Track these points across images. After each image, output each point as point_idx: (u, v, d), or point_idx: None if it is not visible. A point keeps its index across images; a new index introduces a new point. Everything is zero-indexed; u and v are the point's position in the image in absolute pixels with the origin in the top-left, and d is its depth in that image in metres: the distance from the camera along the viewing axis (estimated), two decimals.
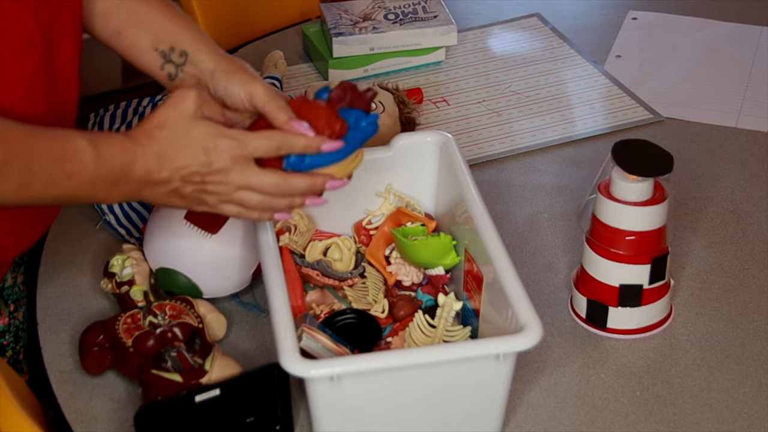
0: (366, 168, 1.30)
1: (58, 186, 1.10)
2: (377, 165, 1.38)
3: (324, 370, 1.10)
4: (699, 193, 1.56)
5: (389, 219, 1.39)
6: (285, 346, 1.11)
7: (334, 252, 1.36)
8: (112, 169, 1.12)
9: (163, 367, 1.23)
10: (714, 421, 1.24)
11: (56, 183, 1.10)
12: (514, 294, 1.16)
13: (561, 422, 1.24)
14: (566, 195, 1.56)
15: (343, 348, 1.22)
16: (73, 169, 1.10)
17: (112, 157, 1.12)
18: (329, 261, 1.35)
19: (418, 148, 1.39)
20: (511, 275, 1.19)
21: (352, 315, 1.29)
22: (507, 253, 1.21)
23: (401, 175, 1.40)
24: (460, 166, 1.34)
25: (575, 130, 1.69)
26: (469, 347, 1.15)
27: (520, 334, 1.13)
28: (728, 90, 1.78)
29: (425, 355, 1.14)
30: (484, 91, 1.78)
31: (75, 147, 1.10)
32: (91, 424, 1.24)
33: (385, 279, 1.36)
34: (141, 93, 1.68)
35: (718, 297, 1.40)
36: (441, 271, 1.34)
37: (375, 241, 1.38)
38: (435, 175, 1.40)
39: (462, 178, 1.32)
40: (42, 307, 1.38)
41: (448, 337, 1.25)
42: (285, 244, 1.33)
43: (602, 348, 1.33)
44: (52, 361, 1.31)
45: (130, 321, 1.28)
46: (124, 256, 1.36)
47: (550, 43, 1.90)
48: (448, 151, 1.37)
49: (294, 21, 1.98)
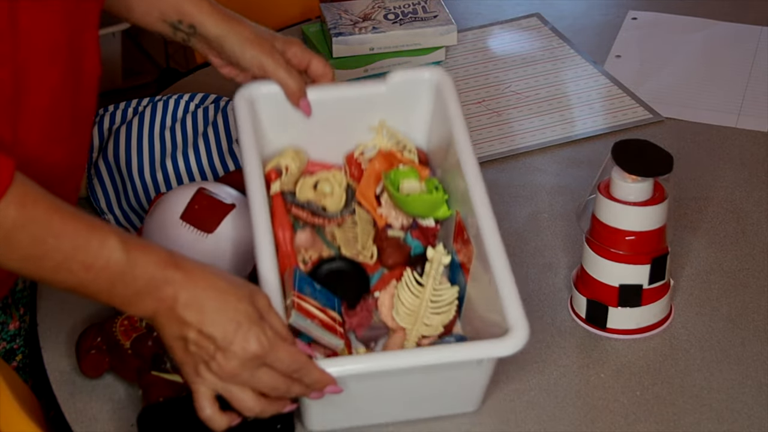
0: (359, 101, 1.33)
1: (71, 273, 1.03)
2: (370, 100, 1.37)
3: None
4: (699, 193, 1.56)
5: (381, 156, 1.37)
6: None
7: (324, 185, 1.35)
8: (139, 278, 1.05)
9: (163, 368, 1.23)
10: (714, 421, 1.24)
11: (70, 270, 1.03)
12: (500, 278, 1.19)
13: (561, 422, 1.24)
14: (566, 195, 1.56)
15: (333, 315, 1.23)
16: (94, 264, 1.03)
17: (143, 267, 1.05)
18: (319, 200, 1.34)
19: (414, 86, 1.37)
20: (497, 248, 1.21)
21: (340, 263, 1.29)
22: (491, 206, 1.23)
23: (395, 112, 1.38)
24: (454, 107, 1.32)
25: (575, 130, 1.69)
26: (452, 352, 1.16)
27: (504, 338, 1.14)
28: (728, 90, 1.77)
29: (408, 359, 1.15)
30: (483, 91, 1.78)
31: (102, 242, 1.03)
32: (91, 424, 1.24)
33: (375, 221, 1.35)
34: (141, 93, 1.68)
35: (718, 297, 1.40)
36: (431, 223, 1.34)
37: (366, 179, 1.36)
38: (429, 114, 1.38)
39: (454, 121, 1.31)
40: (42, 307, 1.38)
41: (436, 296, 1.26)
42: (276, 191, 1.31)
43: (602, 348, 1.33)
44: (52, 361, 1.31)
45: (128, 323, 1.27)
46: None
47: (549, 43, 1.90)
48: (444, 90, 1.35)
49: (294, 21, 1.98)
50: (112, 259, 1.03)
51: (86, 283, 1.04)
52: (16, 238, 1.01)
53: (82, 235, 1.03)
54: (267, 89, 1.33)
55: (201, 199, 1.34)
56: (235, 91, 1.33)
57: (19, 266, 1.04)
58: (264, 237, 1.20)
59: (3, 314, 1.36)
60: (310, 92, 1.34)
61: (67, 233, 1.02)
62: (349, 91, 1.38)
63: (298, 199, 1.33)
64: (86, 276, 1.03)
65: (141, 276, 1.05)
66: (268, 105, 1.34)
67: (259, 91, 1.33)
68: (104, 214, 1.48)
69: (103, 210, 1.48)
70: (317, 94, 1.35)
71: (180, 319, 1.06)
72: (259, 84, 1.33)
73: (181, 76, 1.84)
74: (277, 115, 1.34)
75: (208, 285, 1.07)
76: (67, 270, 1.03)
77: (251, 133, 1.30)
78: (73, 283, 1.04)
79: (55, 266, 1.03)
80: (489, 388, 1.25)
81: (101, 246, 1.03)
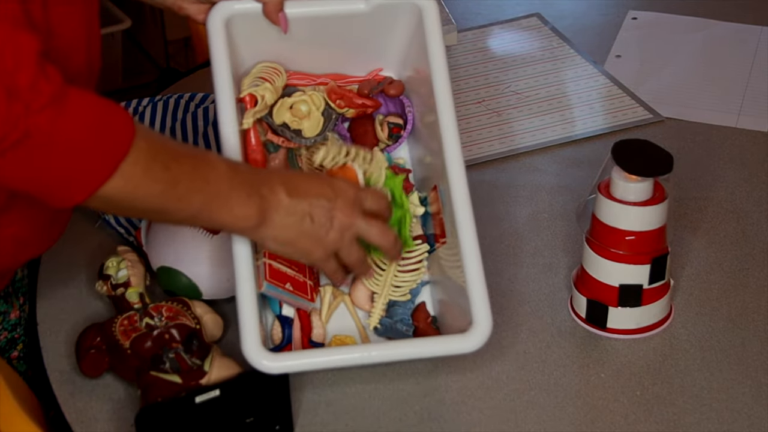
0: (337, 19, 1.32)
1: (199, 190, 1.10)
2: (350, 19, 1.33)
3: (282, 363, 1.17)
4: (699, 193, 1.56)
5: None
6: (248, 338, 1.16)
7: (301, 105, 1.34)
8: (247, 177, 1.14)
9: (162, 368, 1.23)
10: (714, 421, 1.24)
11: (197, 187, 1.10)
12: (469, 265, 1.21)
13: (561, 422, 1.24)
14: (566, 195, 1.56)
15: (302, 267, 1.26)
16: (210, 175, 1.11)
17: (244, 172, 1.15)
18: (295, 122, 1.33)
19: (395, 8, 1.33)
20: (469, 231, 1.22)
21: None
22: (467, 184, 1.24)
23: (373, 34, 1.35)
24: (434, 40, 1.30)
25: (575, 130, 1.69)
26: (412, 349, 1.20)
27: (466, 334, 1.18)
28: (728, 90, 1.77)
29: (375, 354, 1.19)
30: (483, 91, 1.78)
31: (207, 156, 1.12)
32: (90, 424, 1.24)
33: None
34: (141, 93, 1.68)
35: (718, 297, 1.40)
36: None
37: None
38: (408, 40, 1.35)
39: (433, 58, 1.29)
40: (42, 307, 1.38)
41: (406, 254, 1.27)
42: (250, 123, 1.30)
43: (602, 348, 1.33)
44: (52, 361, 1.31)
45: (127, 323, 1.28)
46: (119, 258, 1.36)
47: (549, 43, 1.90)
48: (427, 18, 1.31)
49: None
50: (221, 168, 1.12)
51: (211, 196, 1.11)
52: (153, 168, 1.07)
53: (192, 153, 1.13)
54: (242, 6, 1.29)
55: None
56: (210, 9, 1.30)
57: (160, 201, 1.09)
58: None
59: (5, 304, 1.37)
60: (287, 7, 1.30)
61: (183, 154, 1.11)
62: (327, 7, 1.33)
63: (274, 123, 1.32)
64: (209, 188, 1.11)
65: (247, 176, 1.14)
66: (244, 22, 1.29)
67: (234, 8, 1.29)
68: (105, 214, 1.48)
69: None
70: (295, 9, 1.30)
71: (298, 191, 1.16)
72: (234, 2, 1.29)
73: (181, 76, 1.84)
74: (252, 33, 1.31)
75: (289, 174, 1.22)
76: (196, 189, 1.10)
77: (224, 50, 1.27)
78: (201, 202, 1.11)
79: (186, 188, 1.09)
80: (488, 388, 1.26)
81: (208, 160, 1.12)
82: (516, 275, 1.43)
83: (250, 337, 1.16)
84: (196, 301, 1.32)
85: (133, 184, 1.05)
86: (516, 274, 1.43)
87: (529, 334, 1.34)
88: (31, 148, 0.99)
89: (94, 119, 1.03)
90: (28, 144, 0.98)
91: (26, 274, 1.42)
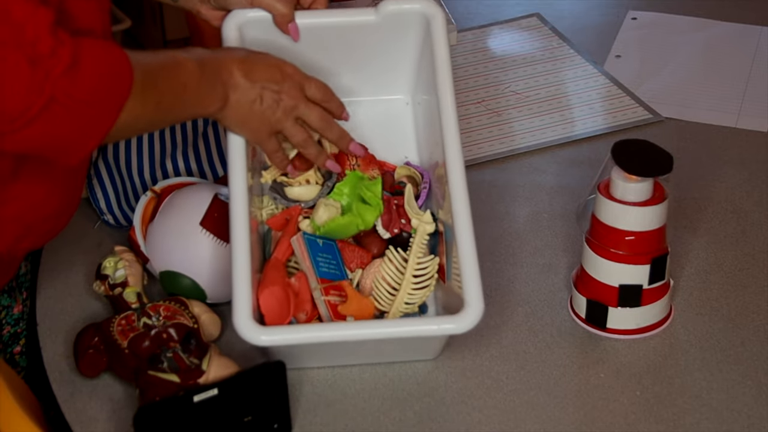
0: (347, 29, 1.35)
1: (179, 96, 1.18)
2: (360, 29, 1.35)
3: (275, 337, 1.18)
4: (699, 193, 1.56)
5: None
6: (240, 310, 1.18)
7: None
8: (210, 66, 1.20)
9: (160, 368, 1.23)
10: (714, 421, 1.24)
11: (177, 93, 1.17)
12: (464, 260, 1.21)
13: (561, 422, 1.24)
14: (566, 195, 1.56)
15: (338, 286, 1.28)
16: (183, 77, 1.18)
17: (208, 62, 1.21)
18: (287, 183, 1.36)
19: (405, 18, 1.35)
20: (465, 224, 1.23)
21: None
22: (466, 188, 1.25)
23: (383, 44, 1.37)
24: (440, 48, 1.32)
25: (575, 130, 1.69)
26: (407, 327, 1.20)
27: (459, 315, 1.18)
28: (728, 90, 1.77)
29: (368, 331, 1.20)
30: (483, 91, 1.78)
31: (176, 58, 1.18)
32: (90, 424, 1.24)
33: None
34: None
35: (718, 297, 1.40)
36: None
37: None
38: (418, 52, 1.37)
39: (439, 63, 1.31)
40: (42, 307, 1.39)
41: (419, 270, 1.27)
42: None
43: (602, 348, 1.33)
44: (52, 361, 1.31)
45: (125, 323, 1.28)
46: (117, 258, 1.35)
47: (549, 43, 1.90)
48: (434, 27, 1.33)
49: None
50: (190, 67, 1.19)
51: (188, 103, 1.20)
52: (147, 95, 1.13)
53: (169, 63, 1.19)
54: (255, 14, 1.33)
55: (219, 207, 1.34)
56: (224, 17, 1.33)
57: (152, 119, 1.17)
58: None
59: (8, 298, 1.37)
60: (298, 17, 1.33)
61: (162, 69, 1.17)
62: (338, 17, 1.35)
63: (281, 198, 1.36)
64: (186, 96, 1.19)
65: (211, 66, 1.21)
66: (256, 30, 1.33)
67: (247, 16, 1.33)
68: (104, 214, 1.48)
69: (103, 210, 1.48)
70: (306, 19, 1.33)
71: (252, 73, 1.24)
72: (247, 9, 1.33)
73: None
74: (264, 41, 1.33)
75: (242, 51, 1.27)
76: (177, 100, 1.18)
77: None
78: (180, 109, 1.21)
79: (171, 102, 1.18)
80: (489, 388, 1.26)
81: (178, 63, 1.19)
82: (516, 275, 1.43)
83: (241, 307, 1.18)
84: (193, 301, 1.32)
85: (134, 115, 1.11)
86: (516, 274, 1.43)
87: (529, 334, 1.34)
88: (56, 112, 1.03)
89: (104, 68, 1.07)
90: (53, 109, 1.03)
91: (30, 269, 1.43)
